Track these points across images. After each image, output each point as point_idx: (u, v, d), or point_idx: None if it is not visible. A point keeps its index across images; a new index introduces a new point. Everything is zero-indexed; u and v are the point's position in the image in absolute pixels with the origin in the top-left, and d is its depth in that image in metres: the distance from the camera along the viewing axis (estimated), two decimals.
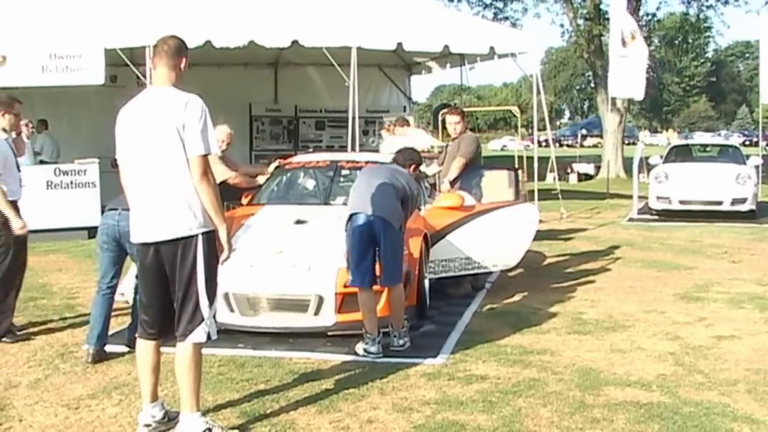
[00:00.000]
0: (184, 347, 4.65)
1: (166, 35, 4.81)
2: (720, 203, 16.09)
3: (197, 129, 4.51)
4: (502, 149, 56.56)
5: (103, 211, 6.70)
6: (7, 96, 7.17)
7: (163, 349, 4.89)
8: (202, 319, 4.63)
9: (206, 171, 4.55)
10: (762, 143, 27.69)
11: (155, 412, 4.83)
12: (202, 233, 4.61)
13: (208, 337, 4.68)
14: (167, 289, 4.69)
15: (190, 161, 4.52)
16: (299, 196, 9.15)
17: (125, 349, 6.49)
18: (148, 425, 4.81)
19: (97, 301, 6.49)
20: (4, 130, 7.02)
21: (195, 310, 4.63)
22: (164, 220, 4.58)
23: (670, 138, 49.82)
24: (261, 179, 9.04)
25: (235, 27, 14.01)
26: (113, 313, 6.57)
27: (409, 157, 7.22)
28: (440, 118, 17.60)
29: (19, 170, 7.08)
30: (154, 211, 4.61)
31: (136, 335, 4.94)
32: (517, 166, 15.51)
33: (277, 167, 9.32)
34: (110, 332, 6.84)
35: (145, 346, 4.82)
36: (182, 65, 4.74)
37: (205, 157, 4.54)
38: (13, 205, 6.83)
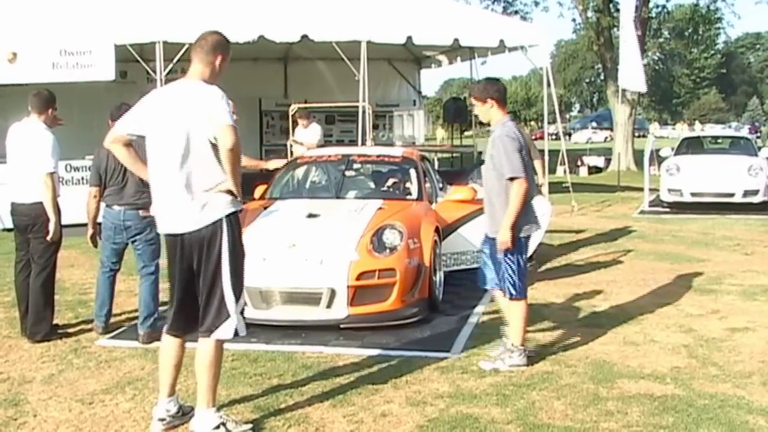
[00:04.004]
0: (208, 343, 4.63)
1: (208, 30, 4.75)
2: (732, 195, 16.03)
3: (221, 105, 4.42)
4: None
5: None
6: (47, 91, 6.86)
7: None
8: (228, 315, 4.60)
9: (237, 142, 4.36)
10: (753, 135, 27.89)
11: (170, 407, 4.83)
12: (226, 216, 4.55)
13: (236, 333, 4.64)
14: (194, 284, 4.66)
15: (219, 131, 4.36)
16: (311, 190, 9.17)
17: (137, 344, 6.53)
18: (162, 419, 4.80)
19: (101, 282, 6.92)
20: (49, 126, 6.78)
21: (220, 305, 4.59)
22: (188, 211, 4.54)
23: (696, 129, 49.58)
24: (272, 164, 8.75)
25: (245, 22, 14.00)
26: (125, 310, 6.56)
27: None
28: None
29: None
30: (178, 203, 4.56)
31: (163, 330, 4.88)
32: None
33: (289, 161, 9.31)
34: (122, 329, 6.95)
35: (170, 342, 4.79)
36: (217, 62, 4.66)
37: (233, 127, 4.38)
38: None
